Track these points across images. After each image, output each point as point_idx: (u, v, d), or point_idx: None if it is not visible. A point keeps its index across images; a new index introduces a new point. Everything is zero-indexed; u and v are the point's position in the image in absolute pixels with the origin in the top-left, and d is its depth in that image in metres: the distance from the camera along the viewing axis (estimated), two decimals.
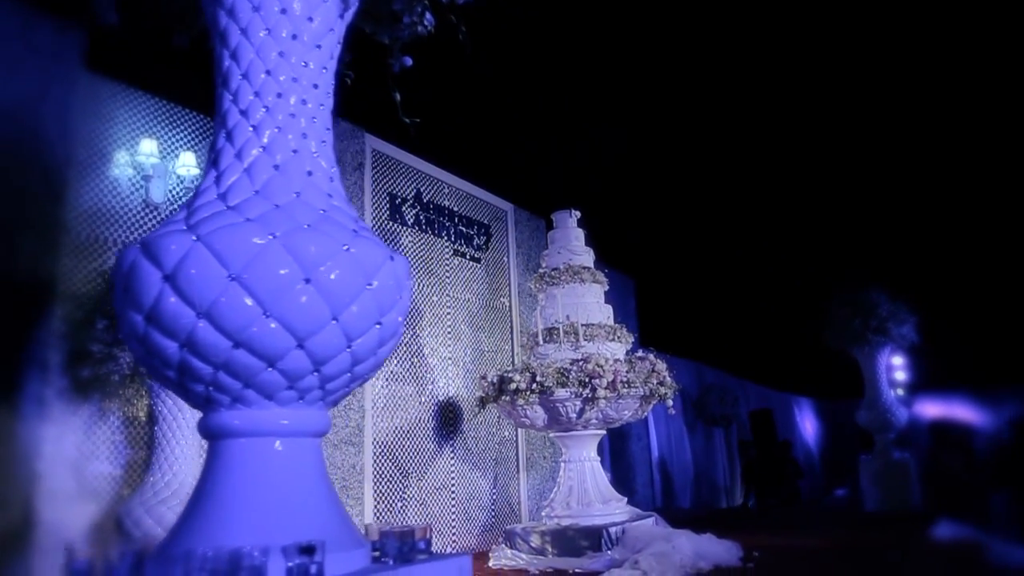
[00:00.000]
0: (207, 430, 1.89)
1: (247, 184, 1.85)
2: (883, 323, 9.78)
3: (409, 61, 2.59)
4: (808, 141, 11.01)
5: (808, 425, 22.94)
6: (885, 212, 11.88)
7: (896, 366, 15.49)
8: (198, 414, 5.22)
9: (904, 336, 10.05)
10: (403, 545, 1.83)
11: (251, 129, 1.88)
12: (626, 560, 5.69)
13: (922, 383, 14.88)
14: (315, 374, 1.75)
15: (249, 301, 1.66)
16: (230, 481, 1.76)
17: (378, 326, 1.74)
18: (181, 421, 4.97)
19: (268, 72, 1.86)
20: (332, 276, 1.67)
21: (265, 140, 1.86)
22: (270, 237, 1.68)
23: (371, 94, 7.87)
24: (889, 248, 12.66)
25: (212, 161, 1.92)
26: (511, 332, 8.79)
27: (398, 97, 2.76)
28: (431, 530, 2.05)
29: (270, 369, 1.70)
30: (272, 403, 1.77)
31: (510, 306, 8.86)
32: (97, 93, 5.75)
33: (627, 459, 11.88)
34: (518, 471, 8.45)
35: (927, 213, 11.73)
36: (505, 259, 8.97)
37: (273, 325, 1.66)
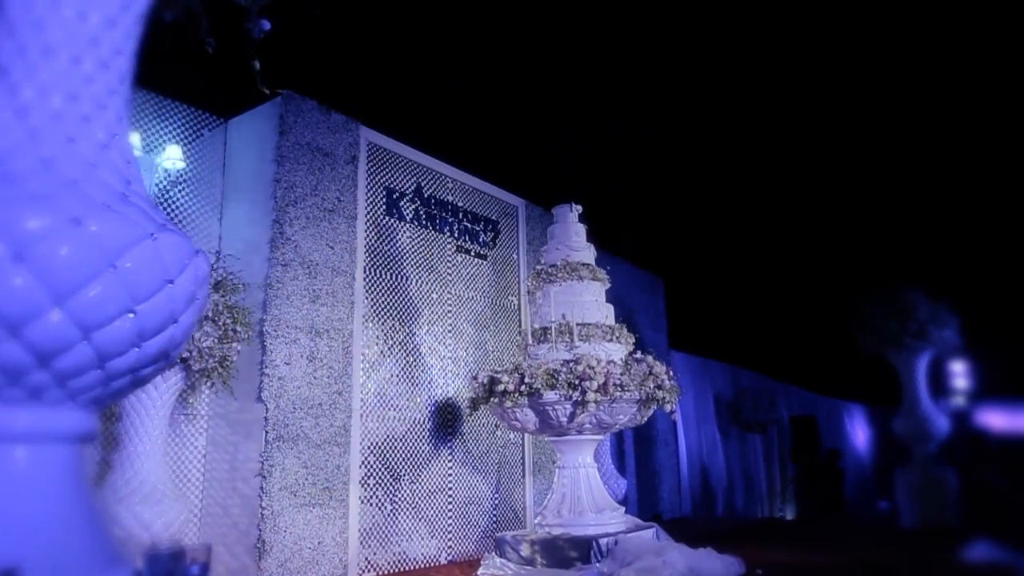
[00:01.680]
0: None
1: None
2: (923, 326, 9.14)
3: (267, 25, 2.35)
4: (844, 137, 10.42)
5: (860, 433, 21.97)
6: (928, 207, 11.17)
7: (956, 372, 14.61)
8: (166, 412, 5.10)
9: (946, 340, 9.38)
10: (159, 570, 1.59)
11: (6, 89, 1.68)
12: (613, 574, 5.36)
13: (980, 391, 13.97)
14: (43, 369, 1.52)
15: None
16: None
17: (131, 315, 1.50)
18: (145, 418, 4.86)
19: (35, 24, 1.64)
20: (55, 255, 1.44)
21: (21, 101, 1.65)
22: None
23: (367, 85, 7.67)
24: (930, 245, 11.91)
25: None
26: (520, 331, 8.51)
27: (257, 66, 2.54)
28: (210, 552, 1.81)
29: None
30: None
31: (519, 305, 8.58)
32: None
33: (653, 465, 11.46)
34: (523, 475, 8.17)
35: (975, 207, 10.98)
36: (515, 256, 8.69)
37: None
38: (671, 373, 6.22)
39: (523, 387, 5.90)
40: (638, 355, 6.21)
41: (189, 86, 6.34)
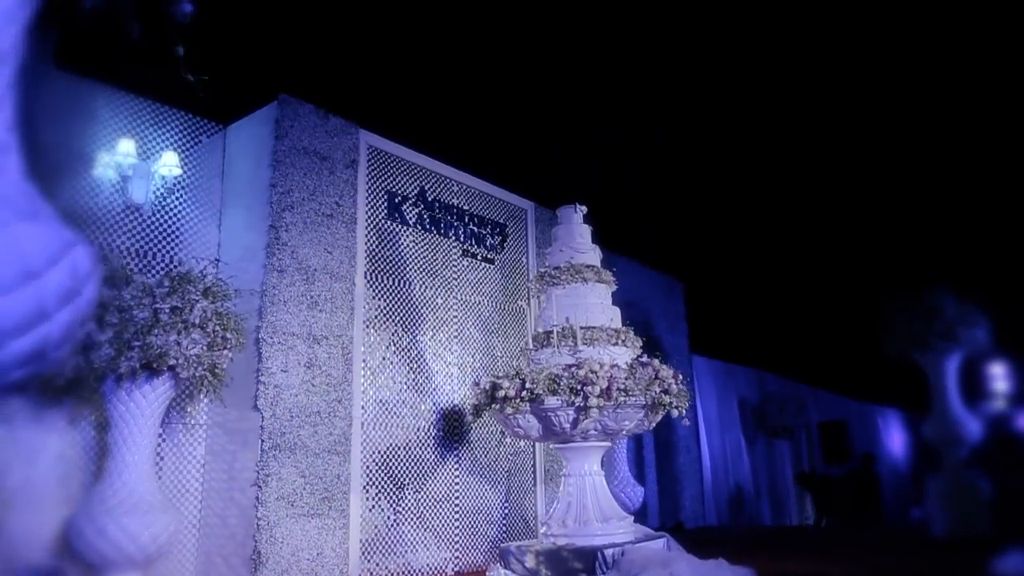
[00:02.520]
0: None
1: None
2: (950, 326, 8.76)
3: (189, 8, 2.24)
4: (869, 131, 10.09)
5: (896, 438, 21.34)
6: (956, 197, 10.74)
7: (995, 375, 14.09)
8: (155, 421, 5.02)
9: (977, 340, 8.99)
10: None
11: None
12: None
13: (1022, 394, 13.42)
14: None
15: None
16: None
17: None
18: (134, 428, 4.79)
19: None
20: None
21: None
22: None
23: (367, 88, 7.56)
24: (959, 240, 11.46)
25: None
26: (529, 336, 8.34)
27: (181, 52, 2.42)
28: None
29: None
30: None
31: (528, 309, 8.40)
32: (74, 92, 5.68)
33: (673, 472, 11.19)
34: (535, 484, 7.98)
35: (1006, 200, 10.53)
36: (524, 260, 8.53)
37: None
38: (680, 377, 5.99)
39: (524, 393, 5.72)
40: (644, 359, 6.00)
41: (187, 93, 6.29)
